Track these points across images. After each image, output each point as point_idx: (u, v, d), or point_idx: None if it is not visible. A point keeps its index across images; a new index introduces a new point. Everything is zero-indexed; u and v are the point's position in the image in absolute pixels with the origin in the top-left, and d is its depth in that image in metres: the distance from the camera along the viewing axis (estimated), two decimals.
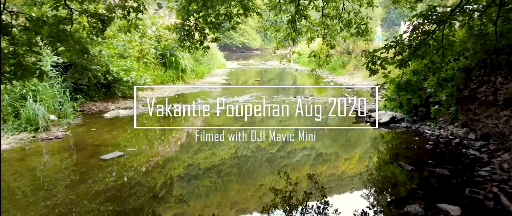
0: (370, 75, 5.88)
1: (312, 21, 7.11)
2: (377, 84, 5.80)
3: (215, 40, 6.06)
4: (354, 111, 8.96)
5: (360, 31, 6.71)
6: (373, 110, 9.11)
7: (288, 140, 7.18)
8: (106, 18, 4.03)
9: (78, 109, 8.97)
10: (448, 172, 4.86)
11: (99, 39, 9.52)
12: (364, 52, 8.15)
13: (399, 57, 5.60)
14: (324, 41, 7.10)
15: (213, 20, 6.16)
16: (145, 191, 4.42)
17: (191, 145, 6.65)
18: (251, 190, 4.75)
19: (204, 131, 7.46)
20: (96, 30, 4.25)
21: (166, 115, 8.92)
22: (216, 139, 6.91)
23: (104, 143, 6.40)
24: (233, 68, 27.25)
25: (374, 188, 4.74)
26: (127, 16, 4.64)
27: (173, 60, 14.53)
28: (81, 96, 9.38)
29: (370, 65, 5.78)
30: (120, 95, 10.37)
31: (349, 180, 5.09)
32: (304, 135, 7.49)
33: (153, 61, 13.65)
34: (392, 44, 5.43)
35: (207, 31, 6.16)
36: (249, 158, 6.01)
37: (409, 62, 5.59)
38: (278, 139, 7.17)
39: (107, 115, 8.72)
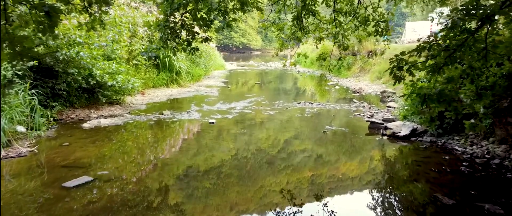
0: (394, 83, 4.82)
1: (322, 18, 6.05)
2: (401, 94, 4.70)
3: (206, 40, 4.99)
4: (367, 121, 7.89)
5: (379, 29, 5.65)
6: (389, 120, 8.05)
7: (289, 158, 6.11)
8: (52, 10, 2.96)
9: (55, 118, 7.93)
10: (501, 209, 3.79)
11: (79, 40, 8.55)
12: (370, 54, 6.96)
13: (431, 62, 4.54)
14: (336, 41, 6.04)
15: (204, 16, 5.11)
16: None
17: (175, 169, 5.58)
18: None
19: (193, 149, 6.38)
20: (42, 26, 3.18)
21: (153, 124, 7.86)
22: (208, 162, 5.84)
23: (74, 163, 5.34)
24: (233, 69, 26.19)
25: None
26: (89, 9, 3.57)
27: (167, 61, 13.47)
28: (59, 103, 8.31)
29: (395, 71, 4.74)
30: (104, 101, 9.30)
31: None
32: (310, 152, 6.43)
33: (144, 62, 12.60)
34: (424, 45, 4.37)
35: (197, 29, 5.11)
36: (243, 189, 4.94)
37: (444, 68, 4.54)
38: (279, 156, 6.11)
39: (86, 125, 7.65)
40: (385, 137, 6.91)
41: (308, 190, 4.71)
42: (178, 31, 4.96)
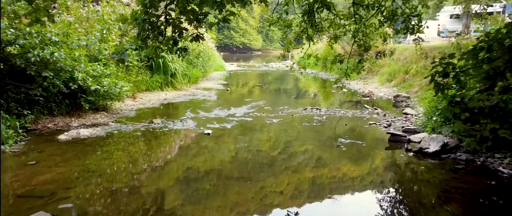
0: (437, 93, 3.80)
1: (338, 12, 5.02)
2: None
3: (197, 38, 3.97)
4: (387, 133, 6.85)
5: (410, 26, 4.62)
6: (411, 131, 7.03)
7: (298, 178, 5.09)
8: None
9: (28, 128, 6.93)
10: None
11: (55, 39, 7.53)
12: (379, 54, 5.90)
13: (486, 67, 3.51)
14: (355, 41, 5.01)
15: (195, 8, 4.09)
16: None
17: (157, 203, 4.55)
18: None
19: (184, 173, 5.32)
20: None
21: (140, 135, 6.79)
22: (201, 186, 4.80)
23: (34, 191, 4.32)
24: (233, 70, 25.19)
25: None
26: None
27: (161, 63, 12.45)
28: (35, 111, 7.31)
29: (437, 78, 3.71)
30: (88, 107, 8.27)
31: None
32: (323, 171, 5.40)
33: (136, 64, 11.57)
34: (482, 44, 3.35)
35: (185, 24, 4.09)
36: None
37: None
38: (287, 178, 5.08)
39: (63, 137, 6.63)
40: (410, 154, 5.87)
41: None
42: (161, 27, 3.94)
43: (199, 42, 4.13)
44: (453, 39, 18.72)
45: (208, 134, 7.07)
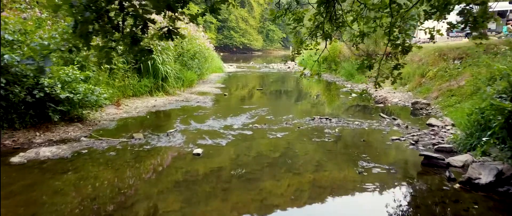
0: None
1: (367, 2, 3.72)
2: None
3: (169, 34, 2.67)
4: (420, 155, 5.53)
5: (471, 19, 3.32)
6: (446, 150, 5.76)
7: None
8: None
9: None
10: None
11: (9, 37, 6.24)
12: (390, 55, 4.69)
13: None
14: (391, 40, 3.72)
15: None
16: None
17: None
18: None
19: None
20: None
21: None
22: None
23: None
24: (232, 72, 23.87)
25: None
26: None
27: (150, 65, 11.14)
28: None
29: None
30: (57, 119, 6.96)
31: None
32: (345, 211, 4.10)
33: (122, 66, 10.28)
34: None
35: (154, 15, 2.80)
36: None
37: None
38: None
39: (16, 159, 5.32)
40: (456, 185, 4.56)
41: None
42: (118, 19, 2.64)
43: (172, 40, 2.84)
44: (463, 39, 17.54)
45: (198, 154, 5.77)
